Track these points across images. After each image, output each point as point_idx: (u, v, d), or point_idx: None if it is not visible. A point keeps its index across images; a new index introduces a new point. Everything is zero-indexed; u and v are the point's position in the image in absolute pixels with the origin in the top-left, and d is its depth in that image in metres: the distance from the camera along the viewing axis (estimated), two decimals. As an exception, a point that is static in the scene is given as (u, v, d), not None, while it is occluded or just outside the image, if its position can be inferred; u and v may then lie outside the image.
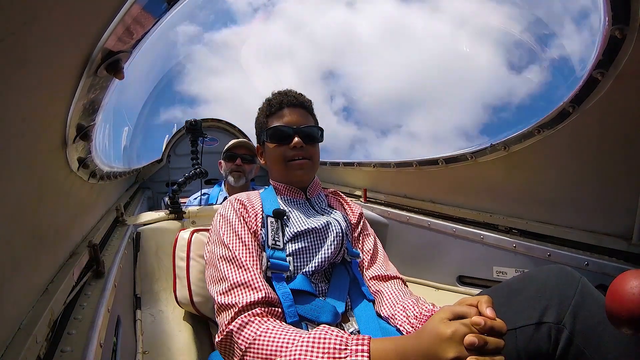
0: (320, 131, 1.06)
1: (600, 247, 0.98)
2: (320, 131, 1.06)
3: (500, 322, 0.55)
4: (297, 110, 1.03)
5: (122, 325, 0.84)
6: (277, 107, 1.03)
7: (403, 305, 0.84)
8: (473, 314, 0.56)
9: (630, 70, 0.76)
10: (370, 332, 0.82)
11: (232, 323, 0.73)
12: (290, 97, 1.04)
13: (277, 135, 1.01)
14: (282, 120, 1.02)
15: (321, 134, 1.06)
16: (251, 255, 0.86)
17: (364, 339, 0.60)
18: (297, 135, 0.99)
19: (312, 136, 1.03)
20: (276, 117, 1.03)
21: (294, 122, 1.01)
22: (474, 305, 0.58)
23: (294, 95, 1.05)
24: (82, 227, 0.90)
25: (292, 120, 1.01)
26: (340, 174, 2.30)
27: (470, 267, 1.34)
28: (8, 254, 0.45)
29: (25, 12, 0.33)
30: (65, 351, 0.54)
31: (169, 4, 0.52)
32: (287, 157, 1.01)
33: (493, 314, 0.56)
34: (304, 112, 1.04)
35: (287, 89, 1.08)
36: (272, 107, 1.04)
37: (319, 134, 1.05)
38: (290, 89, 1.08)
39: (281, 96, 1.04)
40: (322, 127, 1.08)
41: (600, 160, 0.94)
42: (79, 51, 0.46)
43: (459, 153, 1.34)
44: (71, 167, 0.67)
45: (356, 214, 1.12)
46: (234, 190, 2.09)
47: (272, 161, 1.05)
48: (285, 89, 1.08)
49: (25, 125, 0.43)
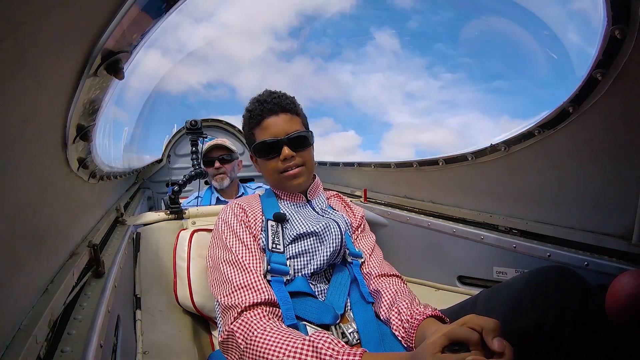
0: (309, 134, 1.02)
1: (600, 247, 0.98)
2: (309, 134, 1.02)
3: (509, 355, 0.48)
4: (281, 117, 0.98)
5: (122, 325, 0.84)
6: (259, 118, 0.99)
7: (398, 308, 0.83)
8: (474, 340, 0.51)
9: (630, 70, 0.76)
10: (369, 334, 0.82)
11: (234, 323, 0.74)
12: (270, 104, 0.98)
13: (265, 150, 0.98)
14: (267, 132, 0.97)
15: (310, 137, 1.02)
16: (253, 257, 0.87)
17: (355, 354, 0.59)
18: (285, 146, 0.96)
19: (301, 142, 0.99)
20: (260, 129, 0.99)
21: (280, 131, 0.97)
22: (478, 331, 0.52)
23: (274, 102, 0.99)
24: (82, 227, 0.90)
25: (277, 131, 0.97)
26: (340, 174, 2.30)
27: (470, 267, 1.34)
28: (8, 254, 0.45)
29: (25, 12, 0.33)
30: (65, 351, 0.54)
31: (168, 4, 0.52)
32: (279, 169, 0.98)
33: (501, 346, 0.49)
34: (288, 117, 0.99)
35: (266, 93, 1.02)
36: (254, 119, 1.00)
37: (307, 139, 1.01)
38: (271, 92, 1.02)
39: (261, 104, 0.99)
40: (311, 129, 1.05)
41: (600, 160, 0.94)
42: (79, 51, 0.46)
43: (459, 153, 1.34)
44: (71, 167, 0.67)
45: (358, 217, 1.12)
46: (224, 192, 2.09)
47: (266, 174, 1.04)
48: (264, 93, 1.02)
49: (25, 126, 0.43)
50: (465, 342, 0.51)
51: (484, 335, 0.51)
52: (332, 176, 2.40)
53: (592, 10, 0.79)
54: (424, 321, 0.74)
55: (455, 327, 0.54)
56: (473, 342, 0.50)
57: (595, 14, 0.74)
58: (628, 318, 0.52)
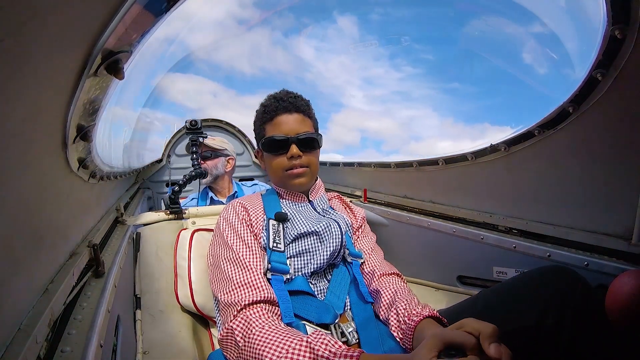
0: (319, 137, 1.04)
1: (600, 247, 0.98)
2: (319, 137, 1.04)
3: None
4: (293, 116, 1.00)
5: (122, 325, 0.84)
6: (272, 114, 1.01)
7: (396, 309, 0.83)
8: (471, 345, 0.49)
9: (630, 70, 0.76)
10: (368, 334, 0.82)
11: (233, 320, 0.74)
12: (285, 102, 1.01)
13: (274, 146, 1.00)
14: (278, 129, 0.99)
15: (319, 139, 1.04)
16: (254, 256, 0.87)
17: (352, 355, 0.59)
18: (294, 144, 0.98)
19: (310, 144, 1.01)
20: (272, 124, 1.01)
21: (290, 130, 0.99)
22: (475, 335, 0.51)
23: (289, 101, 1.01)
24: (82, 227, 0.90)
25: (288, 129, 0.99)
26: (340, 174, 2.30)
27: (470, 267, 1.34)
28: (8, 254, 0.45)
29: (25, 12, 0.33)
30: (65, 351, 0.54)
31: (169, 4, 0.52)
32: (284, 166, 1.00)
33: (498, 352, 0.48)
34: (300, 117, 1.01)
35: (283, 92, 1.04)
36: (268, 114, 1.02)
37: (316, 141, 1.03)
38: (288, 92, 1.05)
39: (276, 101, 1.01)
40: (320, 132, 1.06)
41: (600, 160, 0.94)
42: (79, 51, 0.46)
43: (459, 153, 1.34)
44: (71, 167, 0.67)
45: (358, 218, 1.13)
46: (217, 191, 2.09)
47: (270, 170, 1.05)
48: (281, 92, 1.05)
49: (25, 125, 0.43)
50: (461, 347, 0.50)
51: (481, 340, 0.50)
52: (332, 176, 2.40)
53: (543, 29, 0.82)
54: (422, 322, 0.74)
55: (451, 331, 0.53)
56: (469, 347, 0.49)
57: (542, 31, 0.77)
58: (628, 318, 0.52)
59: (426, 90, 3.44)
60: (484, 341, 0.49)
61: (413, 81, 3.36)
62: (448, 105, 3.43)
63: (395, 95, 3.56)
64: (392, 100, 3.56)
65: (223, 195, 2.09)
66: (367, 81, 3.49)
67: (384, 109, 3.60)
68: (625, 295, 0.51)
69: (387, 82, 3.38)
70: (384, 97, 3.62)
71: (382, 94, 3.61)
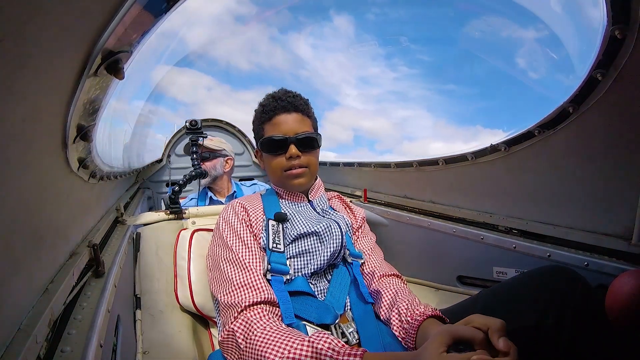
0: (318, 137, 1.03)
1: (600, 247, 0.98)
2: (318, 137, 1.03)
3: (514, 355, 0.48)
4: (292, 116, 0.99)
5: (122, 325, 0.84)
6: (271, 114, 1.00)
7: (397, 309, 0.83)
8: (479, 340, 0.50)
9: (630, 70, 0.76)
10: (368, 335, 0.82)
11: (234, 322, 0.74)
12: (284, 101, 1.00)
13: (273, 146, 0.99)
14: (277, 129, 0.98)
15: (319, 139, 1.04)
16: (254, 257, 0.87)
17: (356, 354, 0.59)
18: (293, 145, 0.97)
19: (309, 144, 1.00)
20: (271, 124, 1.00)
21: (289, 130, 0.98)
22: (484, 330, 0.52)
23: (288, 100, 1.00)
24: (82, 227, 0.90)
25: (287, 129, 0.98)
26: (340, 174, 2.30)
27: (470, 267, 1.34)
28: (8, 254, 0.45)
29: (24, 12, 0.33)
30: (65, 351, 0.54)
31: (168, 4, 0.52)
32: (283, 167, 0.99)
33: (507, 346, 0.49)
34: (299, 117, 1.00)
35: (281, 91, 1.03)
36: (266, 114, 1.01)
37: (315, 141, 1.02)
38: (287, 91, 1.04)
39: (275, 101, 1.00)
40: (319, 132, 1.06)
41: (600, 160, 0.94)
42: (79, 51, 0.46)
43: (459, 153, 1.34)
44: (71, 167, 0.67)
45: (358, 218, 1.12)
46: (216, 191, 2.09)
47: (269, 170, 1.04)
48: (280, 91, 1.03)
49: (25, 125, 0.43)
50: (469, 342, 0.51)
51: (490, 334, 0.51)
52: (332, 176, 2.40)
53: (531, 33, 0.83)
54: (425, 322, 0.74)
55: (460, 326, 0.54)
56: (478, 342, 0.50)
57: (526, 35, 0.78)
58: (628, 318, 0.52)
59: (422, 91, 3.45)
60: (493, 335, 0.50)
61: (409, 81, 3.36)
62: (443, 106, 3.43)
63: (391, 95, 3.56)
64: (387, 100, 3.56)
65: (222, 195, 2.09)
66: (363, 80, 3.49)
67: (378, 108, 3.60)
68: (625, 295, 0.51)
69: (383, 82, 3.38)
70: (379, 96, 3.62)
71: (378, 93, 3.61)
